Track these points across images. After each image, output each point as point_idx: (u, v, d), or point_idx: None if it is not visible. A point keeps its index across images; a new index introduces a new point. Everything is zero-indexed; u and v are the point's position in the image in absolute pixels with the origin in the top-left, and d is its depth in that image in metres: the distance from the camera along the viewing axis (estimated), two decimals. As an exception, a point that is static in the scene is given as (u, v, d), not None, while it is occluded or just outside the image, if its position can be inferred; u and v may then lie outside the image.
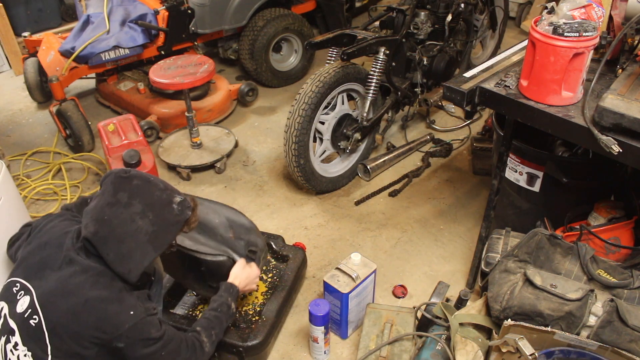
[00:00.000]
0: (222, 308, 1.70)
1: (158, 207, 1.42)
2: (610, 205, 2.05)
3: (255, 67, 3.67)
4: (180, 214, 1.46)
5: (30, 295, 1.37)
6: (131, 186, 1.41)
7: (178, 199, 1.47)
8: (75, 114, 3.07)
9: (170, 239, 1.47)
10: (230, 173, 3.05)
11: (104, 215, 1.38)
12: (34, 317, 1.34)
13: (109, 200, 1.39)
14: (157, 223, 1.41)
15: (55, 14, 4.48)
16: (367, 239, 2.57)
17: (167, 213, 1.44)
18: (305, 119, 2.50)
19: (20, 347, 1.35)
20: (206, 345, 1.60)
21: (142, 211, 1.39)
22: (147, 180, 1.46)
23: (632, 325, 1.49)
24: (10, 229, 1.99)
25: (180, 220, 1.46)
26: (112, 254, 1.37)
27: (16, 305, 1.38)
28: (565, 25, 1.47)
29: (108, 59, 3.17)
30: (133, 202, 1.39)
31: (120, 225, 1.37)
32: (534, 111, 1.61)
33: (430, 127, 3.38)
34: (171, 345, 1.46)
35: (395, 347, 1.81)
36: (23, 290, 1.39)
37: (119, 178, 1.42)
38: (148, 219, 1.39)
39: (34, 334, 1.34)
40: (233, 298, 1.74)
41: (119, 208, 1.38)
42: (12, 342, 1.37)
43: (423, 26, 2.90)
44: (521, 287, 1.62)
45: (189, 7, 3.35)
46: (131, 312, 1.36)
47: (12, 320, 1.38)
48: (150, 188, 1.44)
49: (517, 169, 2.14)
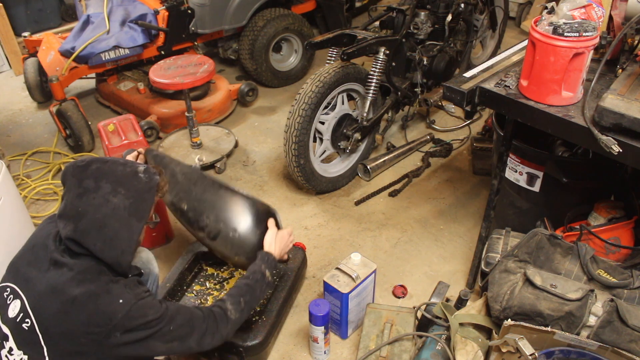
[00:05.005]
0: (255, 276, 1.68)
1: (126, 180, 1.41)
2: (610, 205, 2.05)
3: (255, 67, 3.67)
4: (150, 181, 1.46)
5: (20, 299, 1.36)
6: (93, 171, 1.40)
7: (142, 168, 1.47)
8: (75, 114, 3.08)
9: (149, 207, 1.46)
10: (230, 173, 3.05)
11: (78, 208, 1.36)
12: (26, 321, 1.33)
13: (76, 192, 1.38)
14: (131, 195, 1.40)
15: (55, 14, 4.49)
16: (367, 239, 2.57)
17: (137, 183, 1.43)
18: (305, 119, 2.50)
19: (16, 351, 1.34)
20: (231, 312, 1.56)
21: (113, 189, 1.38)
22: (104, 161, 1.46)
23: (632, 325, 1.49)
24: (10, 229, 2.00)
25: (152, 186, 1.46)
26: (99, 242, 1.35)
27: (7, 310, 1.37)
28: (565, 25, 1.47)
29: (108, 59, 3.17)
30: (100, 184, 1.38)
31: (96, 211, 1.36)
32: (534, 111, 1.61)
33: (430, 127, 3.38)
34: (179, 319, 1.43)
35: (395, 347, 1.81)
36: (12, 295, 1.38)
37: (78, 168, 1.41)
38: (121, 195, 1.38)
39: (28, 338, 1.33)
40: (268, 266, 1.73)
41: (90, 195, 1.37)
42: (7, 347, 1.36)
43: (423, 26, 2.90)
44: (521, 287, 1.62)
45: (189, 7, 3.35)
46: (120, 301, 1.34)
47: (4, 325, 1.37)
48: (111, 166, 1.43)
49: (517, 169, 2.14)
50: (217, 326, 1.52)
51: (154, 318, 1.38)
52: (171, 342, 1.42)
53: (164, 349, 1.42)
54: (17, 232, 2.03)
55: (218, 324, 1.52)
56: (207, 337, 1.49)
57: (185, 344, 1.45)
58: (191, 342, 1.46)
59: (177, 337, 1.43)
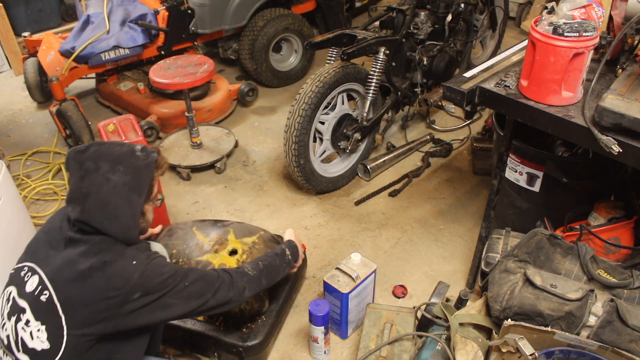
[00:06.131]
0: (276, 250, 1.83)
1: (124, 158, 1.45)
2: (610, 205, 2.05)
3: (255, 67, 3.67)
4: (147, 157, 1.49)
5: (38, 275, 1.40)
6: (91, 153, 1.45)
7: (139, 147, 1.51)
8: (75, 114, 3.07)
9: (149, 182, 1.49)
10: (230, 173, 3.05)
11: (82, 190, 1.40)
12: (44, 293, 1.36)
13: (79, 175, 1.42)
14: (130, 172, 1.44)
15: (55, 14, 4.48)
16: (367, 239, 2.57)
17: (134, 160, 1.46)
18: (305, 119, 2.50)
19: (33, 323, 1.37)
20: (248, 269, 1.64)
21: (111, 168, 1.42)
22: (102, 143, 1.51)
23: (632, 325, 1.49)
24: (10, 229, 2.00)
25: (150, 161, 1.49)
26: (105, 220, 1.39)
27: (25, 286, 1.41)
28: (565, 25, 1.47)
29: (108, 59, 3.17)
30: (100, 164, 1.42)
31: (98, 190, 1.40)
32: (534, 111, 1.61)
33: (430, 127, 3.38)
34: (192, 276, 1.47)
35: (395, 347, 1.81)
36: (30, 272, 1.42)
37: (78, 153, 1.46)
38: (120, 172, 1.42)
39: (46, 309, 1.35)
40: (288, 246, 1.87)
41: (90, 175, 1.41)
42: (23, 320, 1.38)
43: (423, 26, 2.90)
44: (521, 287, 1.62)
45: (189, 7, 3.35)
46: (134, 262, 1.38)
47: (21, 299, 1.40)
48: (109, 147, 1.48)
49: (517, 169, 2.14)
50: (232, 279, 1.57)
51: (169, 276, 1.42)
52: (188, 300, 1.45)
53: (182, 308, 1.44)
54: (17, 232, 2.03)
55: (233, 277, 1.58)
56: (222, 289, 1.53)
57: (202, 300, 1.48)
58: (208, 295, 1.49)
59: (193, 294, 1.46)
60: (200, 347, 1.97)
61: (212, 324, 1.94)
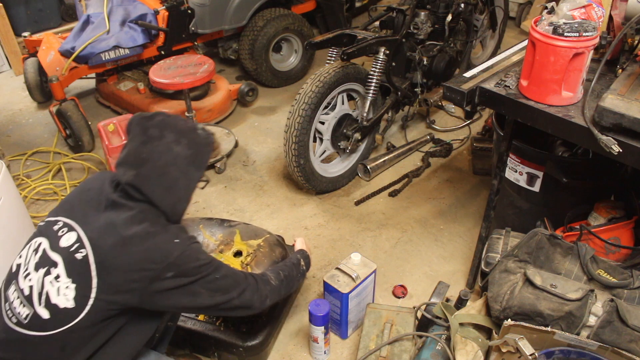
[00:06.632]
0: (291, 260, 1.84)
1: (188, 133, 1.46)
2: (610, 205, 2.05)
3: (255, 67, 3.67)
4: (207, 137, 1.51)
5: (76, 232, 1.37)
6: (158, 121, 1.45)
7: (200, 125, 1.53)
8: (75, 114, 3.08)
9: (207, 160, 1.51)
10: (230, 173, 3.05)
11: (141, 155, 1.40)
12: (81, 251, 1.34)
13: (141, 139, 1.42)
14: (193, 146, 1.45)
15: (55, 14, 4.49)
16: (367, 239, 2.57)
17: (196, 137, 1.48)
18: (305, 119, 2.50)
19: (63, 279, 1.34)
20: (271, 278, 1.65)
21: (176, 139, 1.42)
22: (168, 115, 1.51)
23: (632, 325, 1.49)
24: (10, 229, 2.00)
25: (210, 142, 1.51)
26: (158, 189, 1.39)
27: (59, 240, 1.38)
28: (565, 25, 1.47)
29: (108, 59, 3.16)
30: (165, 133, 1.42)
31: (159, 158, 1.40)
32: (534, 111, 1.61)
33: (430, 127, 3.38)
34: (223, 270, 1.47)
35: (395, 347, 1.81)
36: (66, 228, 1.39)
37: (144, 119, 1.46)
38: (183, 144, 1.43)
39: (80, 268, 1.33)
40: (302, 256, 1.88)
41: (154, 142, 1.41)
42: (54, 274, 1.35)
43: (423, 26, 2.90)
44: (521, 287, 1.62)
45: (189, 7, 3.35)
46: (176, 240, 1.38)
47: (54, 253, 1.37)
48: (174, 119, 1.49)
49: (517, 169, 2.14)
50: (258, 285, 1.58)
51: (205, 263, 1.42)
52: (215, 293, 1.45)
53: (206, 300, 1.44)
54: (17, 232, 2.03)
55: (258, 283, 1.58)
56: (248, 292, 1.53)
57: (227, 296, 1.47)
58: (233, 294, 1.49)
59: (221, 288, 1.46)
60: (200, 347, 1.97)
61: (212, 324, 1.94)
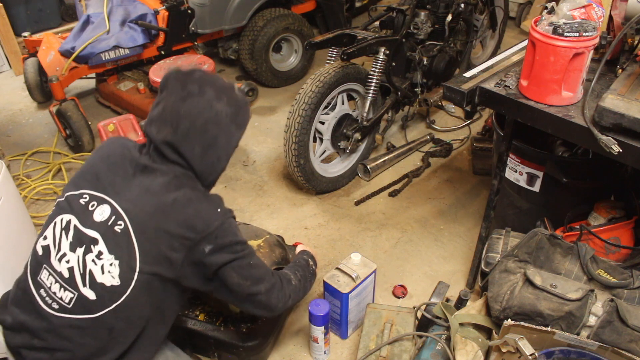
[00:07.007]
0: (300, 262, 1.78)
1: (228, 90, 1.40)
2: (610, 205, 2.05)
3: (255, 67, 3.67)
4: (245, 97, 1.46)
5: (108, 204, 1.31)
6: (197, 77, 1.38)
7: (236, 86, 1.47)
8: (75, 114, 3.07)
9: (247, 121, 1.45)
10: (230, 173, 3.04)
11: (180, 111, 1.33)
12: (119, 223, 1.28)
13: (180, 95, 1.34)
14: (233, 104, 1.39)
15: (55, 14, 4.48)
16: (367, 239, 2.57)
17: (235, 95, 1.42)
18: (305, 119, 2.50)
19: (106, 255, 1.28)
20: (292, 279, 1.62)
21: (217, 96, 1.36)
22: (206, 72, 1.44)
23: (632, 325, 1.49)
24: (10, 229, 2.00)
25: (247, 101, 1.46)
26: (198, 146, 1.33)
27: (92, 215, 1.32)
28: (565, 25, 1.47)
29: (108, 59, 3.16)
30: (205, 89, 1.35)
31: (200, 115, 1.33)
32: (534, 111, 1.61)
33: (430, 127, 3.38)
34: (256, 260, 1.43)
35: (395, 347, 1.81)
36: (96, 201, 1.33)
37: (182, 74, 1.39)
38: (224, 102, 1.37)
39: (121, 240, 1.28)
40: (309, 256, 1.84)
41: (194, 98, 1.34)
42: (95, 251, 1.29)
43: (423, 26, 2.90)
44: (521, 287, 1.62)
45: (189, 7, 3.35)
46: (218, 210, 1.34)
47: (90, 229, 1.31)
48: (213, 76, 1.42)
49: (517, 169, 2.14)
50: (282, 284, 1.54)
51: (241, 240, 1.38)
52: (245, 280, 1.40)
53: (235, 284, 1.38)
54: (17, 232, 2.03)
55: (283, 282, 1.55)
56: (275, 290, 1.50)
57: (256, 289, 1.43)
58: (261, 288, 1.44)
59: (252, 277, 1.41)
60: (200, 347, 1.97)
61: (212, 324, 1.94)
